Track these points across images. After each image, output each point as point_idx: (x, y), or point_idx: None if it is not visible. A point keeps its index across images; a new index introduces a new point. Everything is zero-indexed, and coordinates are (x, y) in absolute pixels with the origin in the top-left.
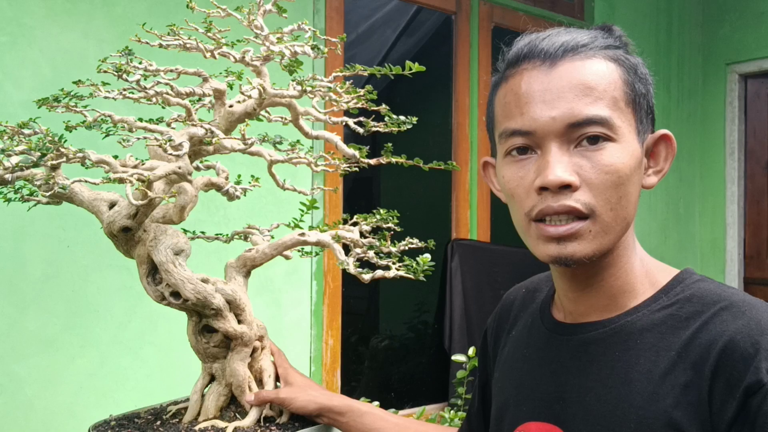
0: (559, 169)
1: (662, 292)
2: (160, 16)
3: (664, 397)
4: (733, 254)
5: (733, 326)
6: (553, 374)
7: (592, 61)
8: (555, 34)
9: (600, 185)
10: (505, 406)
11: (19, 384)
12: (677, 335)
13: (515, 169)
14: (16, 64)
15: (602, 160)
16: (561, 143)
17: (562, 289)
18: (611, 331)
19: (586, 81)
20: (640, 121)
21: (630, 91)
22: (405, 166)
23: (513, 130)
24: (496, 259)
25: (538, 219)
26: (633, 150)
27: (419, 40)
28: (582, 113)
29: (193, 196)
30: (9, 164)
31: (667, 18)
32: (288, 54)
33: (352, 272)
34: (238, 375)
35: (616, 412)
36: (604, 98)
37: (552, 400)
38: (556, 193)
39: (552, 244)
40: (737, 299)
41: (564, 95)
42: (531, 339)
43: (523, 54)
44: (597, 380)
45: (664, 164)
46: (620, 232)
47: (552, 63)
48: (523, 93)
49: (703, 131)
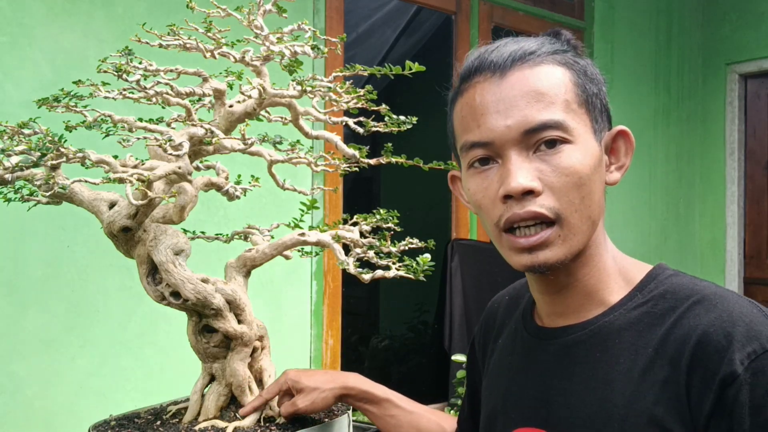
0: (521, 176)
1: (637, 290)
2: (160, 16)
3: (644, 395)
4: (733, 254)
5: (705, 319)
6: (537, 379)
7: (541, 68)
8: (503, 44)
9: (562, 188)
10: (493, 414)
11: (19, 384)
12: (654, 332)
13: (479, 180)
14: (16, 64)
15: (561, 162)
16: (519, 150)
17: (538, 292)
18: (591, 333)
19: (537, 87)
20: (595, 120)
21: (581, 92)
22: (405, 166)
23: (472, 142)
24: (496, 259)
25: (507, 229)
26: (591, 149)
27: (419, 40)
28: (536, 119)
29: (193, 196)
30: (9, 164)
31: (667, 18)
32: (288, 54)
33: (352, 272)
34: (238, 375)
35: (600, 413)
36: (556, 102)
37: (538, 406)
38: (520, 199)
39: (524, 254)
40: (709, 292)
41: (516, 103)
42: (515, 346)
43: (474, 67)
44: (580, 382)
45: (624, 159)
46: (588, 232)
47: (502, 73)
48: (477, 105)
49: (703, 131)
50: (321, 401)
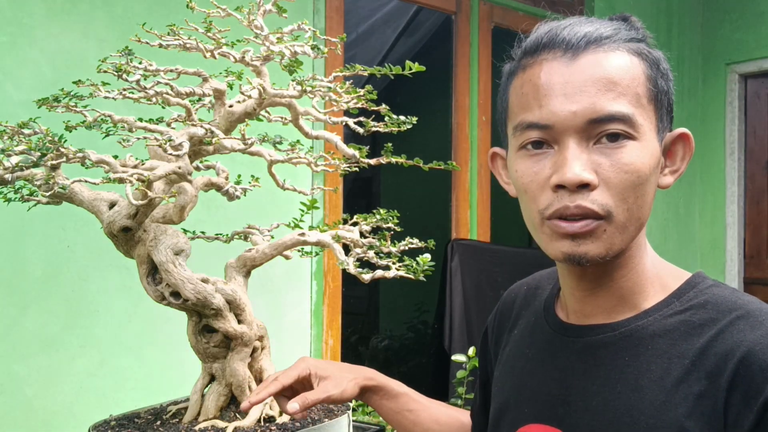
0: (578, 167)
1: (674, 297)
2: (160, 16)
3: (676, 406)
4: (733, 254)
5: (751, 336)
6: (557, 376)
7: (616, 55)
8: (577, 23)
9: (619, 185)
10: (504, 407)
11: (19, 384)
12: (690, 342)
13: (530, 163)
14: (16, 64)
15: (622, 159)
16: (580, 139)
17: (570, 287)
18: (621, 335)
19: (610, 75)
20: (660, 119)
21: (653, 87)
22: (405, 166)
23: (530, 123)
24: (496, 259)
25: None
26: (653, 149)
27: (419, 40)
28: (604, 109)
29: (193, 196)
30: (9, 164)
31: (667, 18)
32: (288, 54)
33: (352, 272)
34: (238, 375)
35: (625, 419)
36: (627, 94)
37: (555, 403)
38: (573, 191)
39: (566, 241)
40: (753, 308)
41: (586, 89)
42: (534, 338)
43: (542, 43)
44: (604, 385)
45: (681, 164)
46: (634, 233)
47: (574, 54)
48: (542, 84)
49: (703, 131)
50: (350, 390)
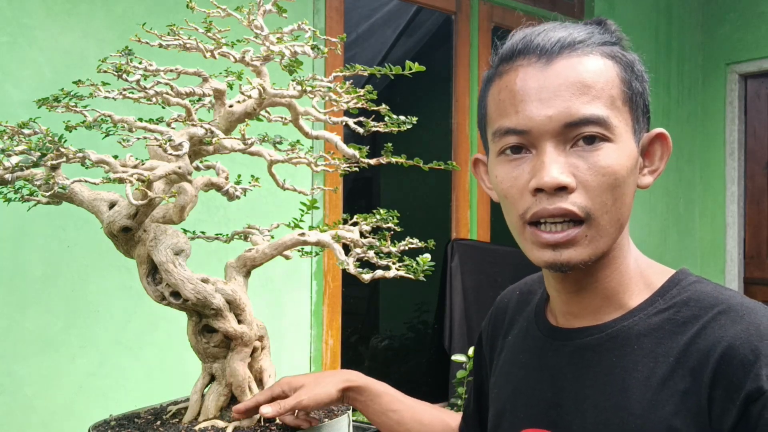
0: (555, 170)
1: (658, 295)
2: (160, 16)
3: (663, 405)
4: (733, 254)
5: (731, 331)
6: (549, 380)
7: (589, 58)
8: (551, 29)
9: (596, 187)
10: (501, 413)
11: (19, 384)
12: (675, 340)
13: (509, 168)
14: (16, 64)
15: (599, 161)
16: (557, 143)
17: (555, 290)
18: (607, 337)
19: (583, 79)
20: (636, 120)
21: (627, 89)
22: (405, 166)
23: (507, 128)
24: (496, 259)
25: (532, 222)
26: (630, 150)
27: (419, 40)
28: (579, 112)
29: (193, 196)
30: (9, 164)
31: (667, 18)
32: (288, 54)
33: (352, 272)
34: (238, 375)
35: (614, 420)
36: (602, 97)
37: (548, 407)
38: (552, 194)
39: (547, 250)
40: (735, 302)
41: (560, 93)
42: (527, 344)
43: (517, 49)
44: (594, 387)
45: (659, 163)
46: (615, 235)
47: (548, 59)
48: (518, 90)
49: (703, 131)
50: (324, 395)
